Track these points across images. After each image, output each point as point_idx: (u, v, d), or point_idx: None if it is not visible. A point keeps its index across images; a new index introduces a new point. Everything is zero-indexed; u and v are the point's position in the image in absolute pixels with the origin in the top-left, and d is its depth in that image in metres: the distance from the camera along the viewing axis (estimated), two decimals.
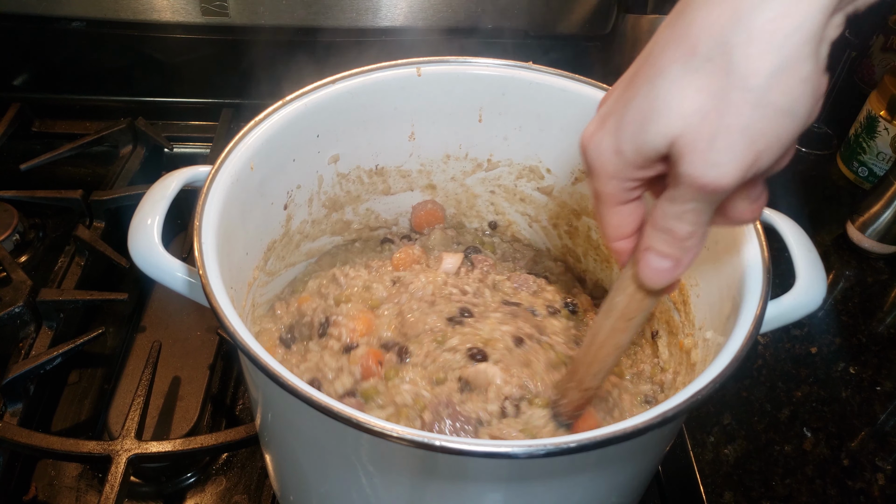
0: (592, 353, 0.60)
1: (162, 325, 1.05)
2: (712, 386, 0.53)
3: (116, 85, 1.37)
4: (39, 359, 0.92)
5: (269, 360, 0.53)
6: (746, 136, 0.41)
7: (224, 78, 1.36)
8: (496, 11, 1.26)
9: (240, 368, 1.01)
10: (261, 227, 0.79)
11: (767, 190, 0.49)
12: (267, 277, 0.83)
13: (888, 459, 0.92)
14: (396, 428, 0.49)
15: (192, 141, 1.36)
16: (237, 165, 0.71)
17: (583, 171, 0.89)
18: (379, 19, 1.26)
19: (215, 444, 0.84)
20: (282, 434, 0.67)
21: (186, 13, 1.24)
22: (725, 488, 0.88)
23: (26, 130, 1.34)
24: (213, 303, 0.57)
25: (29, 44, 1.30)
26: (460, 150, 0.92)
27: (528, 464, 0.54)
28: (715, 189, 0.44)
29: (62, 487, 0.89)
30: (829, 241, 1.22)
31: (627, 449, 0.58)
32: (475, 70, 0.84)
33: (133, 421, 0.85)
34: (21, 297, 0.96)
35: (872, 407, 0.98)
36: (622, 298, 0.56)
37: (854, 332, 1.08)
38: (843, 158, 1.35)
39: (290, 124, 0.77)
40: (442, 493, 0.60)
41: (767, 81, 0.41)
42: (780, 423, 0.96)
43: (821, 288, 0.67)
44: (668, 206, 0.47)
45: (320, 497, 0.69)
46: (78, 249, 1.08)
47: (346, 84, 0.80)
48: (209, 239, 0.63)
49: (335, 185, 0.88)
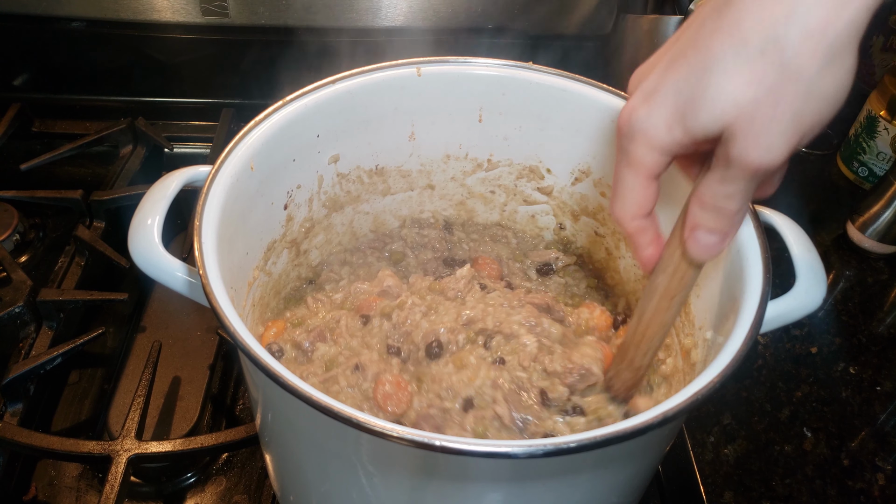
0: (640, 334, 0.62)
1: (162, 325, 1.05)
2: (712, 386, 0.53)
3: (116, 85, 1.37)
4: (39, 359, 0.92)
5: (270, 360, 0.53)
6: (796, 122, 0.46)
7: (224, 78, 1.36)
8: (496, 11, 1.26)
9: (240, 368, 1.01)
10: (261, 227, 0.79)
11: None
12: (266, 277, 0.83)
13: (888, 459, 0.92)
14: (396, 428, 0.49)
15: (192, 141, 1.36)
16: (237, 165, 0.71)
17: (582, 172, 0.89)
18: (379, 19, 1.26)
19: (215, 444, 0.85)
20: (282, 434, 0.67)
21: (186, 13, 1.24)
22: (725, 488, 0.88)
23: (26, 130, 1.34)
24: (213, 303, 0.57)
25: (29, 44, 1.30)
26: (460, 150, 0.92)
27: (528, 464, 0.54)
28: (767, 170, 0.48)
29: (62, 487, 0.89)
30: (829, 241, 1.22)
31: (627, 449, 0.58)
32: (475, 70, 0.84)
33: (133, 421, 0.85)
34: (21, 297, 0.96)
35: (872, 407, 0.98)
36: (663, 279, 0.58)
37: (854, 332, 1.08)
38: (843, 158, 1.35)
39: (290, 124, 0.77)
40: (442, 493, 0.60)
41: (819, 73, 0.45)
42: (780, 423, 0.96)
43: (821, 288, 0.67)
44: (719, 187, 0.50)
45: (320, 497, 0.69)
46: (78, 249, 1.08)
47: (346, 84, 0.80)
48: (209, 239, 0.63)
49: (335, 185, 0.88)
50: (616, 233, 0.90)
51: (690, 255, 0.55)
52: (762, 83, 0.45)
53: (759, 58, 0.45)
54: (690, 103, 0.48)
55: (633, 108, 0.52)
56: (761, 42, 0.45)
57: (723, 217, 0.52)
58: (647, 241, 0.58)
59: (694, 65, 0.48)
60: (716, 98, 0.47)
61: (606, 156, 0.86)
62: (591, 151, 0.87)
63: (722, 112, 0.47)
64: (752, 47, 0.45)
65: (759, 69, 0.45)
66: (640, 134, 0.51)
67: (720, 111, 0.47)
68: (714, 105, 0.47)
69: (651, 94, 0.50)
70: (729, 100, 0.46)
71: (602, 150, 0.86)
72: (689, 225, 0.54)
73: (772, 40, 0.45)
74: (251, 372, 0.63)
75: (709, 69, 0.47)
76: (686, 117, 0.48)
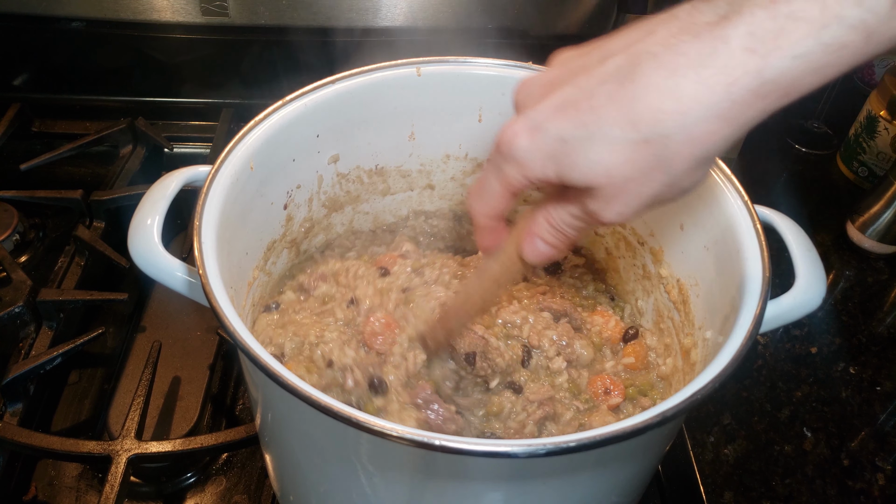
0: (463, 306, 0.72)
1: (162, 325, 1.05)
2: (712, 386, 0.53)
3: (116, 85, 1.37)
4: (39, 359, 0.92)
5: (270, 360, 0.53)
6: (651, 201, 0.53)
7: (224, 78, 1.36)
8: (496, 11, 1.26)
9: (240, 368, 1.01)
10: (261, 226, 0.79)
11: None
12: (266, 277, 0.83)
13: (888, 459, 0.92)
14: (396, 427, 0.49)
15: (192, 141, 1.36)
16: (237, 165, 0.71)
17: None
18: (379, 19, 1.26)
19: (215, 444, 0.84)
20: (282, 434, 0.67)
21: (186, 13, 1.24)
22: (725, 488, 0.88)
23: (26, 130, 1.34)
24: (213, 303, 0.57)
25: (29, 44, 1.30)
26: (460, 150, 0.92)
27: (528, 463, 0.54)
28: (611, 224, 0.58)
29: (62, 487, 0.89)
30: (829, 241, 1.22)
31: (627, 448, 0.58)
32: (475, 70, 0.84)
33: (133, 421, 0.85)
34: (21, 297, 0.96)
35: (872, 407, 0.98)
36: (496, 266, 0.66)
37: (854, 332, 1.08)
38: (843, 158, 1.35)
39: (290, 124, 0.77)
40: (442, 493, 0.60)
41: (685, 173, 0.51)
42: (780, 423, 0.96)
43: (820, 288, 0.67)
44: (567, 217, 0.58)
45: (320, 497, 0.69)
46: (78, 249, 1.08)
47: (346, 84, 0.80)
48: (209, 239, 0.63)
49: (335, 184, 0.88)
50: (616, 233, 0.90)
51: (525, 255, 0.62)
52: (636, 166, 0.50)
53: (642, 145, 0.49)
54: (569, 157, 0.52)
55: (516, 134, 0.54)
56: (648, 132, 0.49)
57: (562, 237, 0.60)
58: (490, 234, 0.65)
59: (583, 123, 0.51)
60: (593, 164, 0.51)
61: None
62: None
63: (594, 177, 0.52)
64: (639, 133, 0.49)
65: (639, 155, 0.50)
66: (516, 161, 0.55)
67: (593, 175, 0.52)
68: (589, 169, 0.51)
69: (536, 130, 0.53)
70: (603, 170, 0.51)
71: None
72: (532, 232, 0.61)
73: (658, 134, 0.49)
74: (251, 372, 0.63)
75: (594, 136, 0.50)
76: (561, 165, 0.52)
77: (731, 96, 0.47)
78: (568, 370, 0.79)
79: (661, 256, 0.83)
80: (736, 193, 0.70)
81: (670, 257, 0.81)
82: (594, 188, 0.53)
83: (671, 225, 0.80)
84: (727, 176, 0.72)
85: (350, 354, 0.73)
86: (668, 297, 0.81)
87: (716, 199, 0.71)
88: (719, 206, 0.71)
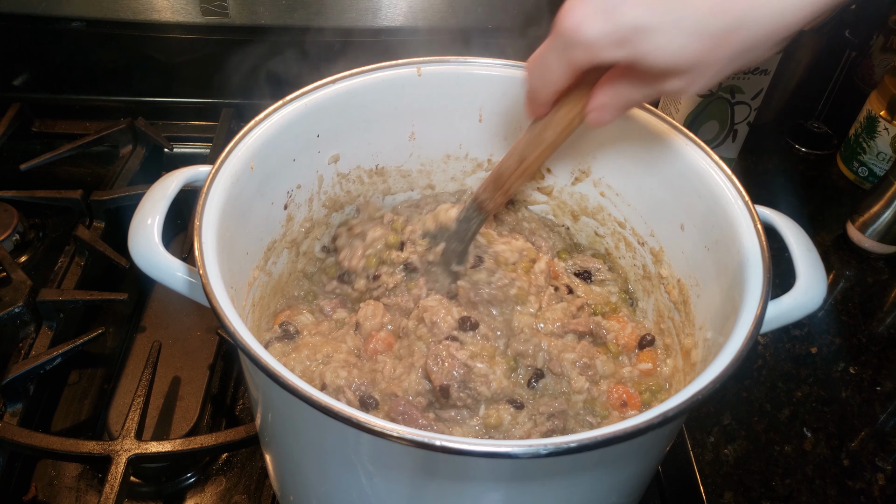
0: (521, 171, 0.76)
1: (162, 325, 1.05)
2: (712, 386, 0.53)
3: (116, 85, 1.37)
4: (39, 359, 0.92)
5: (270, 360, 0.53)
6: (731, 74, 0.55)
7: (224, 78, 1.36)
8: (496, 11, 1.26)
9: (240, 368, 1.01)
10: (261, 227, 0.79)
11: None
12: (267, 277, 0.83)
13: (888, 459, 0.92)
14: (397, 428, 0.49)
15: (192, 141, 1.36)
16: (237, 165, 0.71)
17: (582, 172, 0.89)
18: (379, 19, 1.26)
19: (215, 444, 0.84)
20: (282, 434, 0.67)
21: (186, 13, 1.24)
22: (725, 488, 0.88)
23: (26, 130, 1.34)
24: (213, 303, 0.57)
25: (29, 44, 1.30)
26: (460, 150, 0.92)
27: (528, 464, 0.54)
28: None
29: (62, 487, 0.89)
30: (829, 241, 1.22)
31: (627, 449, 0.58)
32: (475, 70, 0.84)
33: (133, 421, 0.85)
34: (21, 297, 0.96)
35: (872, 407, 0.98)
36: (551, 134, 0.71)
37: (854, 332, 1.08)
38: (843, 158, 1.35)
39: (290, 124, 0.77)
40: (442, 493, 0.60)
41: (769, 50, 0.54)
42: (780, 423, 0.96)
43: (821, 288, 0.67)
44: (635, 94, 0.61)
45: (320, 497, 0.69)
46: (78, 249, 1.08)
47: (346, 84, 0.80)
48: (209, 239, 0.63)
49: (335, 184, 0.88)
50: (616, 233, 0.90)
51: (590, 120, 0.66)
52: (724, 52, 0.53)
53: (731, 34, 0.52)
54: (647, 43, 0.53)
55: (586, 17, 0.54)
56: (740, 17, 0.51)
57: (626, 108, 0.65)
58: (544, 106, 0.69)
59: (665, 10, 0.52)
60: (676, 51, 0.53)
61: (606, 156, 0.86)
62: (590, 152, 0.87)
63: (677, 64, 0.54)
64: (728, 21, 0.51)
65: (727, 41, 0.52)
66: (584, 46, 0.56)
67: (675, 63, 0.54)
68: (672, 57, 0.53)
69: (608, 13, 0.53)
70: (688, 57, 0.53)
71: (602, 150, 0.86)
72: (601, 105, 0.64)
73: (750, 21, 0.51)
74: (251, 372, 0.63)
75: (678, 24, 0.52)
76: (638, 51, 0.55)
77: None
78: (589, 389, 0.75)
79: (662, 256, 0.83)
80: (736, 193, 0.70)
81: (671, 257, 0.82)
82: (675, 72, 0.54)
83: (671, 225, 0.80)
84: (728, 176, 0.72)
85: (343, 375, 0.72)
86: (668, 298, 0.81)
87: (716, 200, 0.71)
88: (720, 207, 0.71)
